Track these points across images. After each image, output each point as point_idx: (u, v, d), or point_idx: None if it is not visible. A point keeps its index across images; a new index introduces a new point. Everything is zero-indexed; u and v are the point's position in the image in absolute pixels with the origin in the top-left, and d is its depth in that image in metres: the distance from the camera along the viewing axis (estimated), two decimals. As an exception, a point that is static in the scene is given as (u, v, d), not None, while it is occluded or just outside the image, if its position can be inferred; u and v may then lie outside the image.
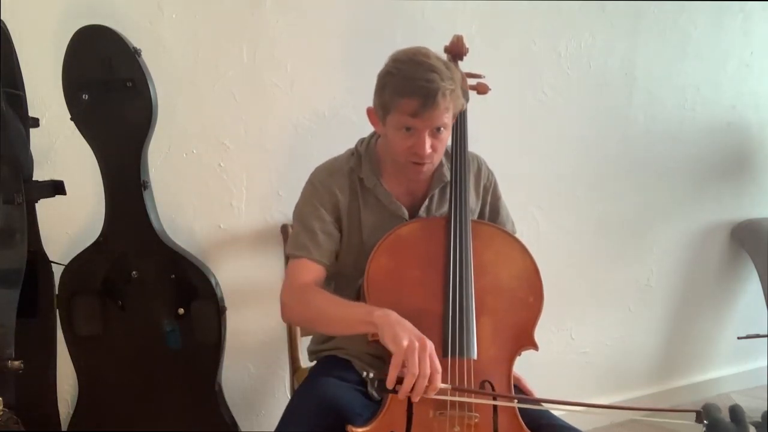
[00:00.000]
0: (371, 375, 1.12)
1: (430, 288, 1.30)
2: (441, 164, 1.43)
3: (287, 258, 1.42)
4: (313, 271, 1.37)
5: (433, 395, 1.10)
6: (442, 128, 1.30)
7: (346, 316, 1.25)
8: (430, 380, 1.09)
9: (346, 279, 1.44)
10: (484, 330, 1.27)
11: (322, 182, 1.42)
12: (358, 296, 1.38)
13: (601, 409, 1.23)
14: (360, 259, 1.37)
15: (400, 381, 1.08)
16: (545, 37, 2.08)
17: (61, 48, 1.48)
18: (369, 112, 1.39)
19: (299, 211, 1.43)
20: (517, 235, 1.44)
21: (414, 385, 1.08)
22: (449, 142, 1.44)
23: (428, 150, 1.30)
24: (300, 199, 1.45)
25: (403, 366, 1.08)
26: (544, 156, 2.16)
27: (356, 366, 1.41)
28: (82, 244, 1.57)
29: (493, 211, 1.55)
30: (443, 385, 1.11)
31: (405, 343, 1.09)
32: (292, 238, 1.42)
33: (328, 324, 1.32)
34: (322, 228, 1.39)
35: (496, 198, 1.55)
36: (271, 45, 1.74)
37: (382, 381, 1.09)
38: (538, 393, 1.42)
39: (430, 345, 1.11)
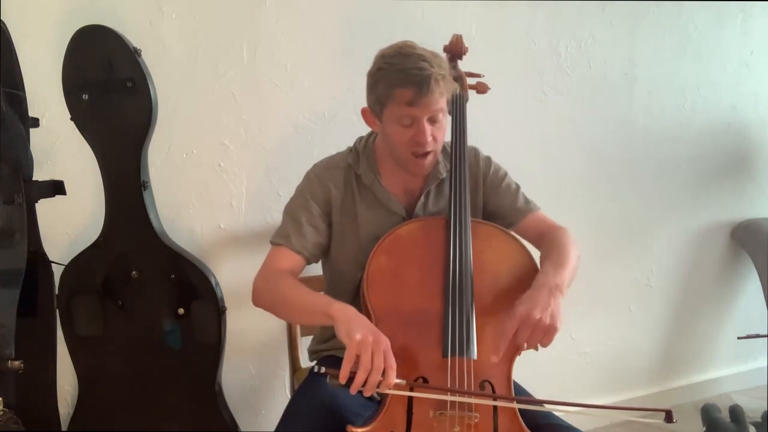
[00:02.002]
0: (323, 369, 1.11)
1: (429, 288, 1.30)
2: (437, 161, 1.43)
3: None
4: (290, 260, 1.39)
5: (387, 390, 1.11)
6: (440, 114, 1.31)
7: (307, 306, 1.26)
8: (384, 376, 1.09)
9: (341, 274, 1.45)
10: (484, 330, 1.26)
11: (318, 176, 1.44)
12: (357, 292, 1.38)
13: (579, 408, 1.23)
14: (358, 256, 1.38)
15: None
16: (545, 37, 2.08)
17: (61, 48, 1.48)
18: (364, 112, 1.39)
19: (290, 203, 1.45)
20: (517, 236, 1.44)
21: (366, 379, 1.08)
22: (448, 139, 1.44)
23: (429, 138, 1.30)
24: (294, 192, 1.46)
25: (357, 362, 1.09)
26: (544, 156, 2.16)
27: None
28: (82, 244, 1.58)
29: (504, 193, 1.48)
30: (398, 381, 1.12)
31: (358, 336, 1.10)
32: (278, 228, 1.44)
33: (291, 311, 1.33)
34: (309, 220, 1.40)
35: (499, 179, 1.49)
36: (271, 45, 1.74)
37: (333, 376, 1.09)
38: (538, 393, 1.42)
39: (384, 341, 1.12)
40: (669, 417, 1.12)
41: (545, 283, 1.24)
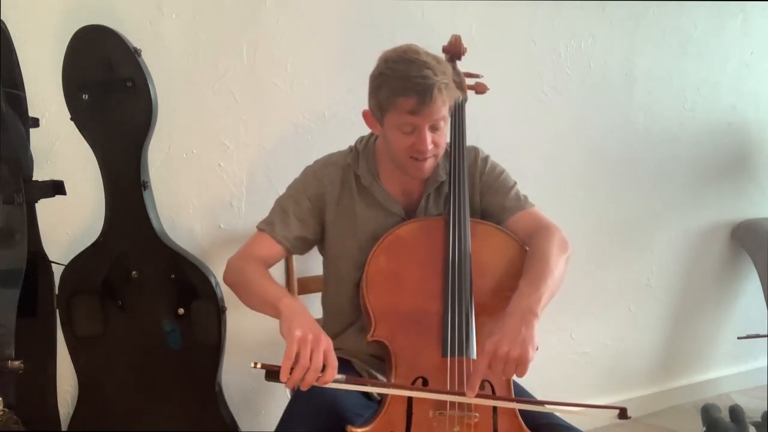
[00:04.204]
0: (259, 366, 1.10)
1: (429, 288, 1.30)
2: (437, 164, 1.43)
3: None
4: (269, 247, 1.40)
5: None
6: (441, 122, 1.30)
7: (263, 295, 1.27)
8: (323, 373, 1.09)
9: (340, 274, 1.45)
10: (484, 329, 1.26)
11: (315, 171, 1.45)
12: (356, 292, 1.39)
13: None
14: (357, 255, 1.39)
15: None
16: (545, 37, 2.08)
17: (61, 48, 1.48)
18: (365, 115, 1.39)
19: (282, 194, 1.46)
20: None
21: (304, 376, 1.08)
22: (447, 139, 1.44)
23: (429, 145, 1.30)
24: (290, 184, 1.48)
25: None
26: (544, 156, 2.16)
27: (356, 365, 1.41)
28: (82, 244, 1.57)
29: (498, 190, 1.47)
30: (339, 376, 1.12)
31: (298, 334, 1.10)
32: (267, 216, 1.45)
33: (249, 296, 1.34)
34: (296, 212, 1.41)
35: (495, 177, 1.48)
36: (271, 45, 1.74)
37: (271, 372, 1.09)
38: (537, 393, 1.42)
39: (325, 340, 1.12)
40: (623, 414, 1.13)
41: (517, 308, 1.19)
